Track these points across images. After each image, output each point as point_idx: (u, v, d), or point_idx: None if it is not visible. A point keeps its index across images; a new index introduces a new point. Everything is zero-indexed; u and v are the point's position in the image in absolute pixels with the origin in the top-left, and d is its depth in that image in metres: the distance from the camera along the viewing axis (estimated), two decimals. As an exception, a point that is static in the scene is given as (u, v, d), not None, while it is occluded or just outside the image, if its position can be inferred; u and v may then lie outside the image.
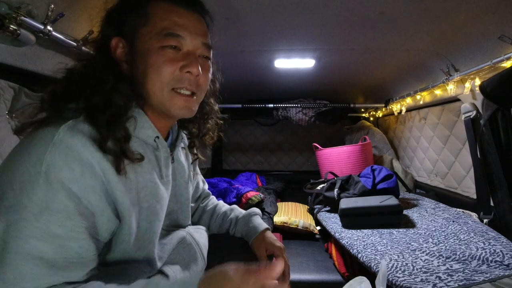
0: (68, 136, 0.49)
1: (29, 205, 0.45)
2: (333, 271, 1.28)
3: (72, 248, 0.48)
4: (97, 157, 0.50)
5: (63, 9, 0.81)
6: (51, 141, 0.48)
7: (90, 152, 0.50)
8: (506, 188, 1.22)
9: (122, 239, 0.56)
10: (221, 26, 1.08)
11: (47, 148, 0.47)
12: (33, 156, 0.47)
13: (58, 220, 0.47)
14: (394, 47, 1.34)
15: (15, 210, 0.45)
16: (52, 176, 0.47)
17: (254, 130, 3.10)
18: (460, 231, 1.17)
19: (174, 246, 0.71)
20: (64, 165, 0.47)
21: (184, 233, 0.75)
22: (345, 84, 2.11)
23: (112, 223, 0.54)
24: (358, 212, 1.37)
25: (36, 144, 0.48)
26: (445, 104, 1.61)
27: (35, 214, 0.45)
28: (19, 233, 0.45)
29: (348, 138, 2.76)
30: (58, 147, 0.48)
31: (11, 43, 0.75)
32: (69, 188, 0.48)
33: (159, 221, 0.64)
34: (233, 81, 1.94)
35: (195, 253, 0.75)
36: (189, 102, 0.63)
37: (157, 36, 0.58)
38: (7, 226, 0.45)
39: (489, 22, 0.99)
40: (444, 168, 1.73)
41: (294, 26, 1.13)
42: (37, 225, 0.45)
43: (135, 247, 0.59)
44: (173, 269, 0.67)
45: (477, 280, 0.84)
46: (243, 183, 2.45)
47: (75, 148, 0.49)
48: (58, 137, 0.48)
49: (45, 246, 0.46)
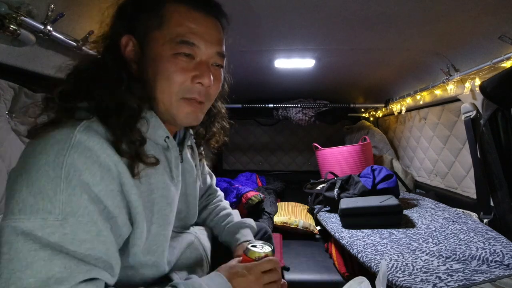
0: (85, 138, 0.47)
1: (53, 211, 0.44)
2: (333, 271, 1.28)
3: (100, 250, 0.47)
4: (114, 159, 0.49)
5: (63, 9, 0.80)
6: (69, 143, 0.46)
7: (107, 154, 0.49)
8: (506, 188, 1.22)
9: (133, 243, 0.55)
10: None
11: (66, 151, 0.46)
12: (51, 159, 0.45)
13: (85, 225, 0.46)
14: (394, 47, 1.34)
15: (37, 215, 0.43)
16: (74, 180, 0.45)
17: (254, 130, 3.10)
18: (460, 231, 1.17)
19: (182, 250, 0.70)
20: (85, 168, 0.46)
21: (193, 238, 0.75)
22: (345, 84, 2.11)
23: (127, 228, 0.53)
24: (358, 212, 1.37)
25: (54, 146, 0.46)
26: (445, 104, 1.61)
27: (60, 220, 0.44)
28: (48, 237, 0.43)
29: (348, 138, 2.76)
30: (77, 149, 0.46)
31: (11, 43, 0.75)
32: (92, 191, 0.47)
33: (169, 225, 0.63)
34: (233, 81, 1.93)
35: (201, 257, 0.75)
36: (196, 110, 0.61)
37: (170, 42, 0.56)
38: (30, 231, 0.43)
39: (489, 22, 0.99)
40: (444, 168, 1.73)
41: (294, 26, 1.13)
42: (64, 232, 0.44)
43: (144, 252, 0.57)
44: (180, 276, 0.66)
45: (477, 280, 0.84)
46: (243, 183, 2.45)
47: (94, 150, 0.47)
48: (75, 139, 0.47)
49: (74, 250, 0.45)
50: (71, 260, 0.44)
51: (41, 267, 0.42)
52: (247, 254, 0.64)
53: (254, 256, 0.63)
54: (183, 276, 0.67)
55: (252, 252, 0.64)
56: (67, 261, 0.44)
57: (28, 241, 0.42)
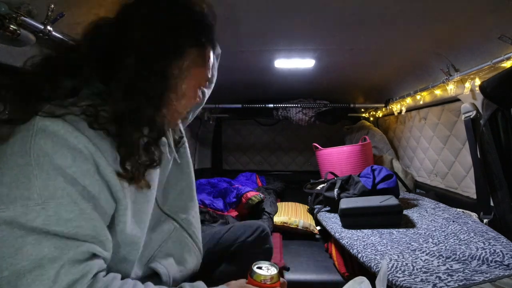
0: (48, 123, 0.48)
1: (31, 197, 0.45)
2: (333, 271, 1.28)
3: (88, 227, 0.49)
4: (82, 141, 0.50)
5: (63, 9, 0.80)
6: (32, 130, 0.47)
7: (75, 136, 0.49)
8: (506, 188, 1.22)
9: (118, 220, 0.56)
10: (221, 26, 1.08)
11: (30, 138, 0.47)
12: (16, 149, 0.47)
13: (66, 206, 0.47)
14: (394, 47, 1.34)
15: (16, 204, 0.45)
16: (46, 165, 0.46)
17: (254, 130, 3.10)
18: (460, 231, 1.17)
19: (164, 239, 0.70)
20: (54, 152, 0.47)
21: (172, 226, 0.74)
22: (345, 84, 2.11)
23: (111, 205, 0.54)
24: (358, 212, 1.37)
25: (16, 135, 0.48)
26: (445, 104, 1.61)
27: (40, 204, 0.45)
28: (32, 223, 0.45)
29: (348, 138, 2.76)
30: (42, 135, 0.47)
31: (11, 43, 0.75)
32: (66, 174, 0.48)
33: (148, 202, 0.63)
34: (233, 81, 1.94)
35: (188, 245, 0.75)
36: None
37: (201, 79, 0.65)
38: (12, 219, 0.44)
39: (489, 22, 0.99)
40: (444, 168, 1.73)
41: (294, 26, 1.13)
42: (48, 214, 0.46)
43: (131, 226, 0.58)
44: (165, 264, 0.66)
45: (477, 280, 0.84)
46: (243, 183, 2.45)
47: (60, 135, 0.48)
48: (37, 126, 0.48)
49: (61, 230, 0.46)
50: (60, 240, 0.46)
51: (31, 250, 0.44)
52: (253, 276, 0.63)
53: (260, 279, 0.62)
54: (170, 263, 0.67)
55: (258, 275, 0.62)
56: (56, 241, 0.46)
57: (13, 229, 0.44)
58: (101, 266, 0.51)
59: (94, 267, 0.49)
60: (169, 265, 0.67)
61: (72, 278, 0.45)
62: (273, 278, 0.62)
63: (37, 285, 0.43)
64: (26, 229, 0.44)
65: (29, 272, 0.43)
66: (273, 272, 0.63)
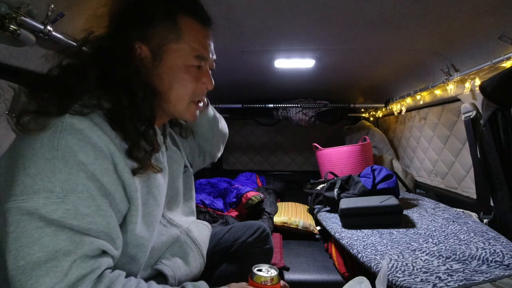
0: (75, 121, 0.51)
1: (53, 190, 0.47)
2: (333, 271, 1.28)
3: (102, 224, 0.51)
4: (104, 140, 0.53)
5: (63, 9, 0.80)
6: (61, 127, 0.50)
7: (98, 136, 0.52)
8: (506, 188, 1.22)
9: (130, 220, 0.58)
10: (221, 26, 1.08)
11: (59, 133, 0.49)
12: (45, 142, 0.49)
13: (85, 201, 0.49)
14: (394, 47, 1.34)
15: (39, 195, 0.47)
16: (71, 160, 0.49)
17: (254, 130, 3.10)
18: (460, 231, 1.17)
19: (169, 245, 0.71)
20: (79, 149, 0.50)
21: (178, 232, 0.75)
22: (345, 84, 2.11)
23: (125, 205, 0.57)
24: (358, 212, 1.37)
25: (47, 131, 0.50)
26: (445, 104, 1.61)
27: (61, 198, 0.48)
28: (52, 215, 0.47)
29: (348, 138, 2.76)
30: (69, 132, 0.50)
31: (11, 43, 0.75)
32: (88, 170, 0.50)
33: (158, 206, 0.66)
34: (233, 81, 1.94)
35: (192, 251, 0.75)
36: (198, 109, 0.71)
37: (186, 55, 0.64)
38: (34, 210, 0.46)
39: (489, 22, 0.99)
40: (444, 168, 1.73)
41: (294, 26, 1.13)
42: (66, 207, 0.48)
43: (141, 228, 0.60)
44: (171, 266, 0.68)
45: (477, 280, 0.84)
46: (243, 183, 2.45)
47: (84, 132, 0.51)
48: (66, 123, 0.50)
49: (77, 225, 0.48)
50: (75, 234, 0.48)
51: (48, 242, 0.46)
52: (253, 278, 0.64)
53: (260, 280, 0.63)
54: (176, 266, 0.69)
55: (258, 277, 0.64)
56: (71, 235, 0.48)
57: (33, 219, 0.46)
58: (109, 263, 0.53)
59: (103, 264, 0.51)
60: (175, 268, 0.69)
61: (82, 272, 0.47)
62: (273, 279, 0.64)
63: (50, 276, 0.45)
64: (46, 220, 0.46)
65: (44, 263, 0.45)
66: (273, 274, 0.65)
